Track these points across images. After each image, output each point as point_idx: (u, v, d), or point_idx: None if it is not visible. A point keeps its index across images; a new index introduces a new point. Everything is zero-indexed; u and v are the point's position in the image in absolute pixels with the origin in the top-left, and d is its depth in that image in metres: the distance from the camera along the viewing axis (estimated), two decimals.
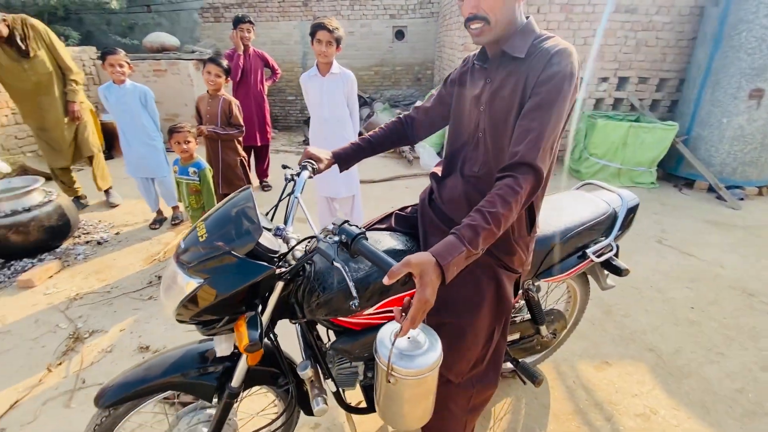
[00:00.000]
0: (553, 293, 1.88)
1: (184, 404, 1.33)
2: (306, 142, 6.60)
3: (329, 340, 1.34)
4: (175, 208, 3.57)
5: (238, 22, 3.71)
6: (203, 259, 0.95)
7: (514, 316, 1.69)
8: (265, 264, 0.96)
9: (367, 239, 0.91)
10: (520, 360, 1.62)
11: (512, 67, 1.05)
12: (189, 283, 0.95)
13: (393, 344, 0.89)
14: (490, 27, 1.01)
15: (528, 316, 1.65)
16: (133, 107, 3.14)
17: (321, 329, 1.30)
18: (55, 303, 2.50)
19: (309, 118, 7.75)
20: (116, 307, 2.45)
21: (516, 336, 1.69)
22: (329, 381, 1.29)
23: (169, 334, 2.23)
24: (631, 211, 1.59)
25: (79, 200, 3.87)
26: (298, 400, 1.31)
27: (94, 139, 3.70)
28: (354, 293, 0.85)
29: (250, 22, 3.75)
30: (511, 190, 0.92)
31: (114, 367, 2.00)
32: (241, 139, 3.27)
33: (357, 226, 0.94)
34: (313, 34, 2.41)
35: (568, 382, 1.94)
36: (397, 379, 0.90)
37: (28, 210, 2.84)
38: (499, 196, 0.91)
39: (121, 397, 1.07)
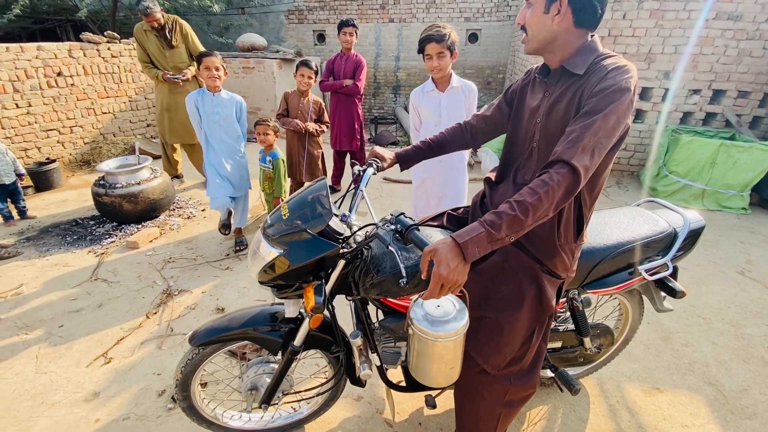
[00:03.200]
0: (603, 308, 1.87)
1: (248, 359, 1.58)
2: (371, 140, 6.85)
3: (377, 319, 1.50)
4: (238, 231, 3.21)
5: (342, 25, 3.73)
6: (284, 234, 1.15)
7: (557, 325, 1.72)
8: (332, 243, 1.14)
9: (419, 230, 1.05)
10: (560, 368, 1.65)
11: (571, 82, 1.11)
12: (271, 252, 1.16)
13: (415, 300, 1.08)
14: (528, 39, 1.14)
15: (572, 326, 1.67)
16: (229, 120, 2.85)
17: (371, 311, 1.46)
18: (153, 263, 2.97)
19: (376, 117, 7.82)
20: (200, 273, 2.86)
21: (558, 344, 1.72)
22: (374, 356, 1.45)
23: (240, 300, 2.56)
24: (694, 234, 1.54)
25: (178, 177, 4.49)
26: (346, 368, 1.49)
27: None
28: (404, 273, 0.99)
29: (353, 25, 3.73)
30: (542, 182, 0.94)
31: (196, 322, 2.36)
32: (328, 140, 3.47)
33: (411, 219, 1.09)
34: (421, 51, 2.11)
35: (611, 401, 1.91)
36: (414, 332, 1.09)
37: (139, 184, 3.38)
38: (529, 188, 0.96)
39: (209, 339, 1.32)
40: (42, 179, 4.25)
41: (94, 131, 5.21)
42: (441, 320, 1.05)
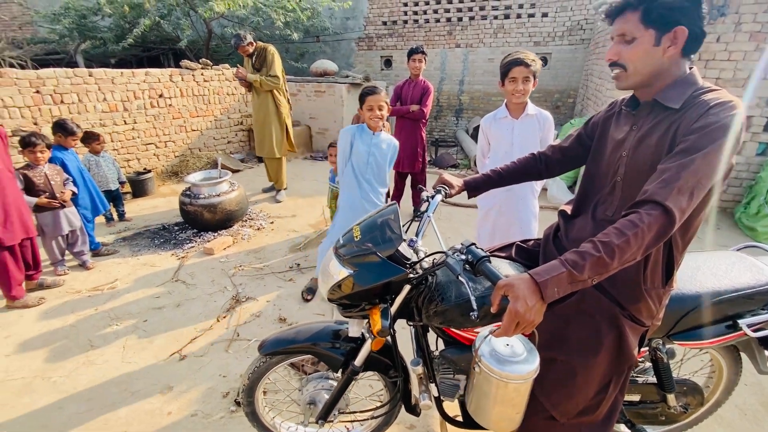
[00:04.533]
0: (691, 363, 1.66)
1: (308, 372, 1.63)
2: (431, 162, 6.88)
3: (437, 348, 1.48)
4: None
5: (412, 52, 3.82)
6: (355, 255, 1.19)
7: (636, 375, 1.56)
8: (401, 268, 1.16)
9: (490, 262, 1.03)
10: (637, 425, 1.49)
11: (663, 116, 1.05)
12: (341, 271, 1.20)
13: (486, 337, 1.02)
14: (627, 75, 1.07)
15: (653, 379, 1.51)
16: (381, 162, 2.53)
17: (430, 337, 1.44)
18: (225, 269, 3.20)
19: (437, 140, 7.77)
20: (266, 282, 3.02)
21: (636, 397, 1.55)
22: (432, 385, 1.42)
23: (301, 312, 2.66)
24: None
25: (273, 188, 4.95)
26: (402, 394, 1.48)
27: (276, 145, 4.57)
28: (474, 306, 0.97)
29: (423, 52, 3.83)
30: (631, 224, 0.88)
31: (260, 329, 2.49)
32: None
33: (482, 249, 1.07)
34: (505, 73, 2.09)
35: None
36: (481, 370, 1.03)
37: (218, 195, 3.70)
38: (616, 228, 0.90)
39: (277, 349, 1.39)
40: (139, 187, 4.83)
41: (183, 146, 5.83)
42: (510, 360, 1.00)
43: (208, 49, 8.25)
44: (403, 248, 1.23)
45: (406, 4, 8.65)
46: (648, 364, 1.55)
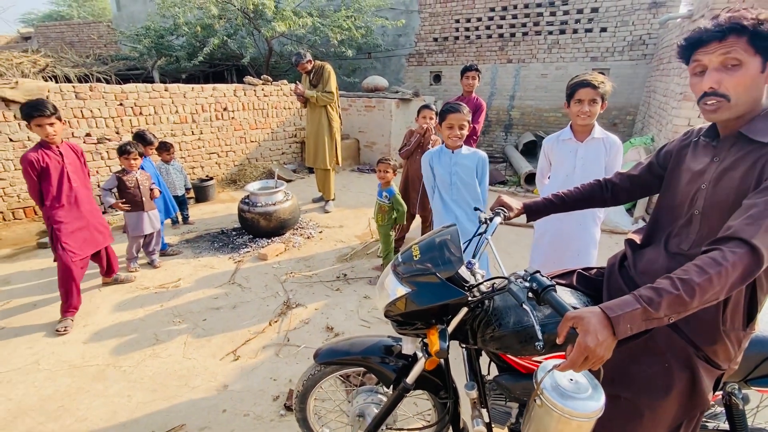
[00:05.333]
0: (766, 411, 1.52)
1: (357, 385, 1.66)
2: None
3: (488, 372, 1.46)
4: None
5: (465, 70, 3.86)
6: (414, 274, 1.22)
7: (706, 421, 1.45)
8: (460, 290, 1.17)
9: (556, 291, 1.02)
10: None
11: (749, 149, 0.99)
12: (399, 289, 1.23)
13: (550, 370, 0.99)
14: (730, 105, 0.98)
15: (725, 425, 1.39)
16: (467, 179, 2.38)
17: (482, 361, 1.43)
18: (277, 275, 3.36)
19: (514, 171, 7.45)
20: (314, 290, 3.13)
21: None
22: (484, 411, 1.40)
23: (347, 322, 2.72)
24: None
25: (322, 198, 5.13)
26: (451, 417, 1.47)
27: (327, 157, 4.76)
28: (540, 336, 0.96)
29: (477, 70, 3.87)
30: (713, 261, 0.84)
31: (308, 336, 2.58)
32: None
33: (547, 278, 1.06)
34: (571, 94, 2.04)
35: None
36: (542, 403, 0.99)
37: (273, 204, 3.90)
38: (696, 266, 0.85)
39: (332, 359, 1.44)
40: (202, 192, 5.20)
41: (242, 156, 6.22)
42: (575, 396, 0.97)
43: (268, 65, 8.78)
44: (462, 270, 1.24)
45: (457, 21, 8.72)
46: (720, 410, 1.43)
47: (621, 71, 7.46)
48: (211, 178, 5.41)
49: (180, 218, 4.45)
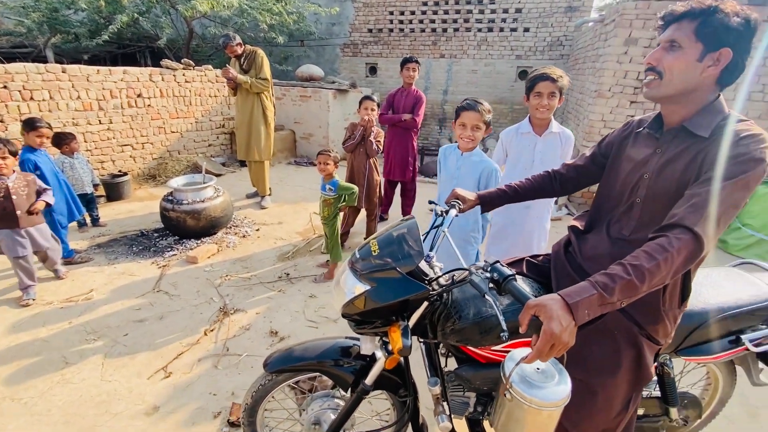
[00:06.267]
0: (688, 375, 1.70)
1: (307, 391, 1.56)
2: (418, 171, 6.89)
3: (446, 364, 1.44)
4: None
5: (405, 61, 3.87)
6: (373, 270, 1.15)
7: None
8: (422, 284, 1.12)
9: (516, 280, 1.01)
10: None
11: (691, 142, 1.05)
12: (358, 287, 1.15)
13: (518, 363, 0.98)
14: (660, 83, 1.05)
15: (656, 392, 1.53)
16: (469, 184, 2.07)
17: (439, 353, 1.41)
18: (210, 279, 3.07)
19: (422, 148, 7.77)
20: (254, 293, 2.91)
21: (640, 411, 1.57)
22: (444, 404, 1.38)
23: (293, 324, 2.57)
24: None
25: (257, 193, 4.79)
26: (411, 414, 1.43)
27: (262, 149, 4.45)
28: (504, 326, 0.95)
29: (416, 62, 3.89)
30: (660, 248, 0.89)
31: (250, 343, 2.38)
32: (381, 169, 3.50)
33: (508, 267, 1.05)
34: (531, 88, 2.07)
35: None
36: (512, 397, 0.99)
37: (202, 201, 3.56)
38: (645, 252, 0.90)
39: (284, 366, 1.32)
40: (114, 190, 4.59)
41: (162, 148, 5.60)
42: (543, 386, 0.97)
43: (189, 49, 8.01)
44: (422, 264, 1.19)
45: (391, 13, 8.72)
46: (653, 378, 1.57)
47: None
48: (125, 174, 4.79)
49: (88, 220, 3.88)
